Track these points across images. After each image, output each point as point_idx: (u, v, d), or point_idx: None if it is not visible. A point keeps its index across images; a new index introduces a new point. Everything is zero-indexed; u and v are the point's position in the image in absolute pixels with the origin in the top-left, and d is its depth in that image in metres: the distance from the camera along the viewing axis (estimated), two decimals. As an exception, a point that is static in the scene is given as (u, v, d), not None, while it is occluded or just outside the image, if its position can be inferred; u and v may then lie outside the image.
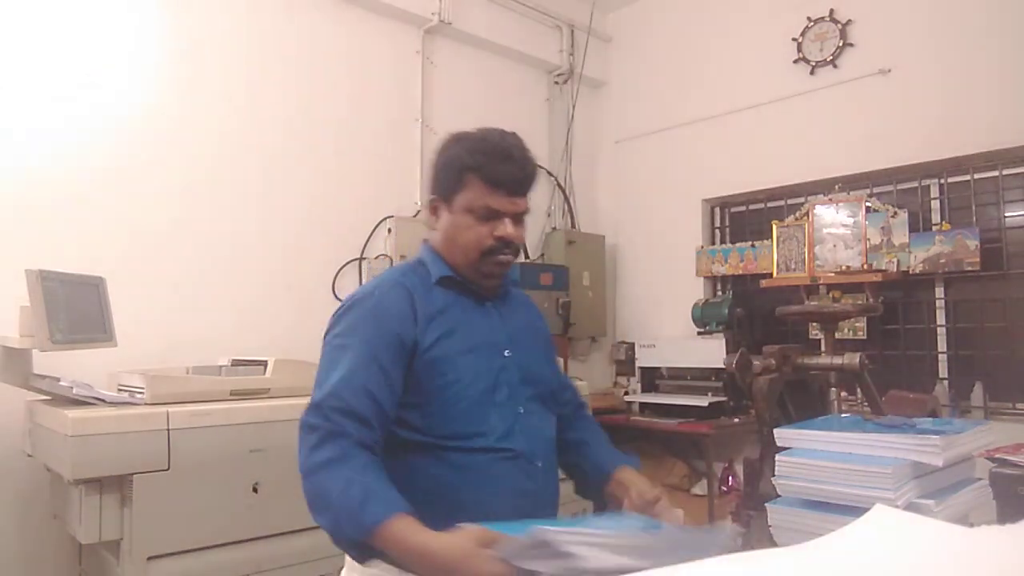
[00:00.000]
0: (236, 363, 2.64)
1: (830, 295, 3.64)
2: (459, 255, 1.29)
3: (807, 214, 3.72)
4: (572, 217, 4.61)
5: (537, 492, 1.24)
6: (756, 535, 1.26)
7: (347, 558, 1.23)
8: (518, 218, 1.29)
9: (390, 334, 1.21)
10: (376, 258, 3.56)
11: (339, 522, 1.07)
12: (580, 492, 1.46)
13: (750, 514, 1.30)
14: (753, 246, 4.07)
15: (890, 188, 3.63)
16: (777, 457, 1.15)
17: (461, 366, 1.24)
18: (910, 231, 3.45)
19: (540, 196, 4.53)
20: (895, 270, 3.42)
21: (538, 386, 1.34)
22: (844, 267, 3.46)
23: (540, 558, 0.91)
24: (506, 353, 1.30)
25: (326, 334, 1.27)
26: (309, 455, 1.13)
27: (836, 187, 3.65)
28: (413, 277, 1.31)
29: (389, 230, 3.65)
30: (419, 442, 1.22)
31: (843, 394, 2.65)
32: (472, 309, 1.32)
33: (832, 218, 3.58)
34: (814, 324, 3.58)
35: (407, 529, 1.03)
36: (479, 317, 1.32)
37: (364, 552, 1.10)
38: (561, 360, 3.53)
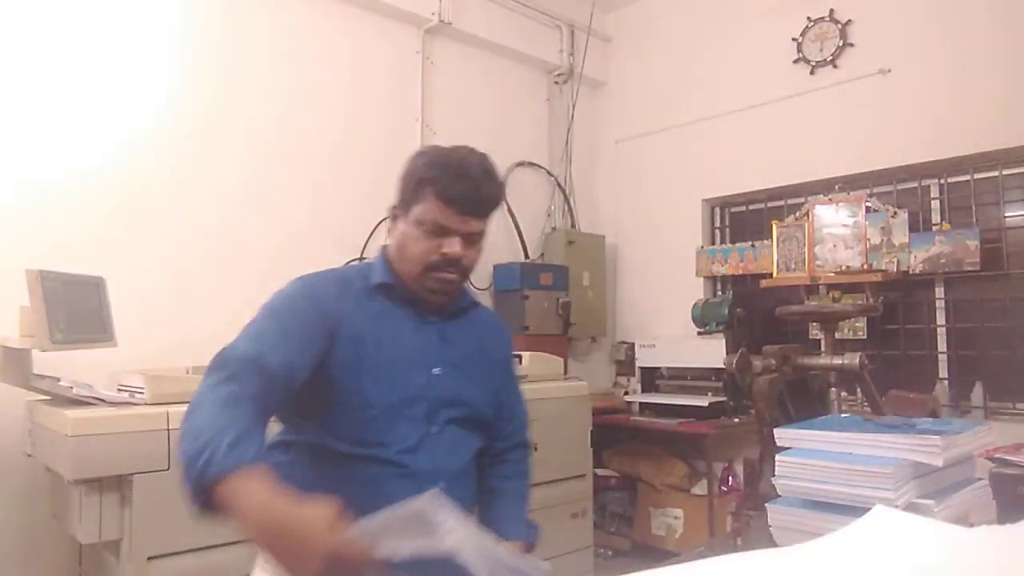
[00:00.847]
0: (236, 363, 2.64)
1: (830, 295, 3.64)
2: (406, 266, 1.29)
3: (807, 214, 3.73)
4: (572, 217, 4.61)
5: None
6: (756, 535, 1.26)
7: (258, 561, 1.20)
8: (470, 239, 1.28)
9: (315, 314, 1.21)
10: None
11: (199, 455, 0.94)
12: None
13: (750, 514, 1.30)
14: (753, 246, 4.07)
15: (890, 188, 3.63)
16: (777, 457, 1.15)
17: (374, 376, 1.22)
18: (910, 231, 3.45)
19: (540, 196, 4.54)
20: (895, 270, 3.42)
21: (461, 409, 1.31)
22: (844, 267, 3.46)
23: (403, 532, 0.89)
24: (435, 371, 1.28)
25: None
26: (202, 389, 1.07)
27: (836, 187, 3.65)
28: (353, 278, 1.32)
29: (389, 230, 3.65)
30: (321, 445, 1.21)
31: (843, 394, 2.64)
32: (407, 322, 1.30)
33: (832, 218, 3.59)
34: (814, 324, 3.58)
35: (263, 481, 0.94)
36: (412, 331, 1.30)
37: (205, 501, 0.95)
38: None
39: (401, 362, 1.26)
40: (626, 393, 4.27)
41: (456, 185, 1.24)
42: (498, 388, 1.41)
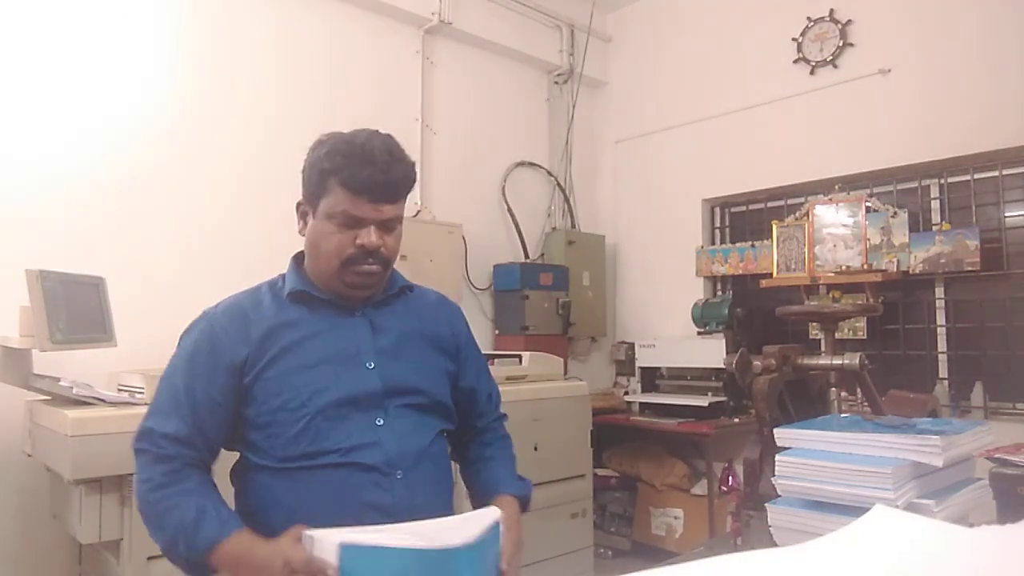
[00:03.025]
0: (236, 363, 2.64)
1: (830, 295, 3.64)
2: (321, 263, 1.24)
3: (807, 214, 3.72)
4: (572, 217, 4.61)
5: (394, 505, 1.17)
6: (756, 535, 1.26)
7: None
8: (386, 226, 1.23)
9: (218, 357, 1.20)
10: (376, 258, 3.56)
11: (175, 541, 1.10)
12: None
13: (750, 514, 1.30)
14: (753, 246, 4.07)
15: (890, 188, 3.63)
16: (777, 457, 1.15)
17: (299, 382, 1.19)
18: (910, 231, 3.45)
19: (540, 196, 4.54)
20: (895, 270, 3.42)
21: (414, 396, 1.26)
22: (844, 267, 3.46)
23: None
24: (368, 364, 1.24)
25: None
26: (140, 478, 1.16)
27: (836, 187, 3.65)
28: (263, 294, 1.29)
29: (389, 230, 3.65)
30: (268, 466, 1.20)
31: (843, 394, 2.64)
32: (330, 320, 1.26)
33: (832, 218, 3.58)
34: (814, 324, 3.58)
35: (239, 545, 1.09)
36: (335, 330, 1.25)
37: (199, 571, 1.11)
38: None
39: (326, 364, 1.21)
40: (626, 393, 4.27)
41: (361, 171, 1.18)
42: (452, 368, 1.37)
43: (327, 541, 0.98)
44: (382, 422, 1.22)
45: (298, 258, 1.34)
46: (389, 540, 0.99)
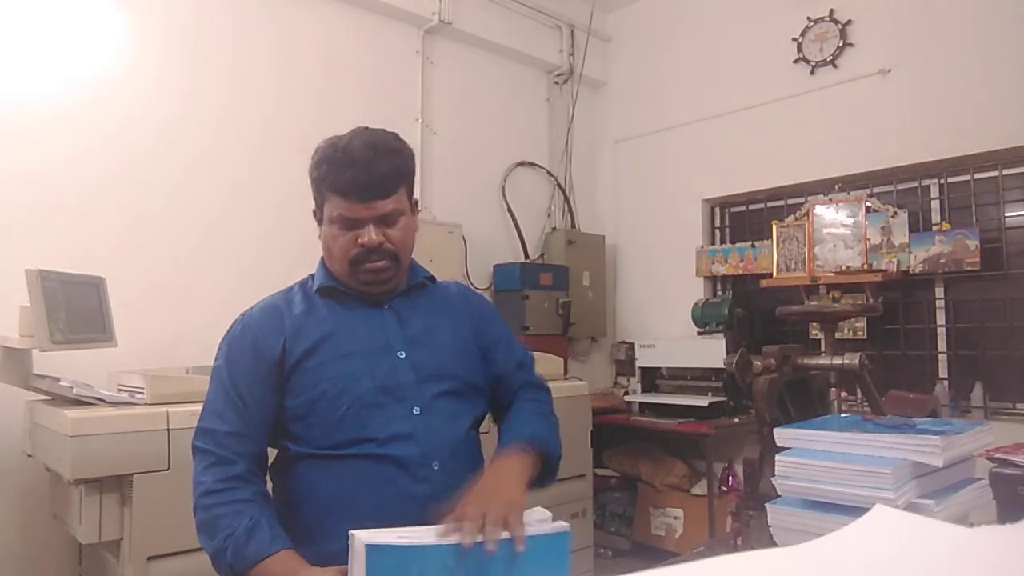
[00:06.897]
0: (236, 363, 2.64)
1: (830, 295, 3.64)
2: (336, 266, 1.28)
3: (807, 214, 3.72)
4: (572, 217, 4.61)
5: (431, 496, 1.17)
6: (756, 535, 1.26)
7: None
8: (386, 220, 1.25)
9: (258, 354, 1.25)
10: (376, 258, 3.56)
11: (223, 550, 1.12)
12: None
13: (750, 514, 1.30)
14: (753, 246, 4.07)
15: (890, 188, 3.63)
16: (777, 457, 1.15)
17: (334, 374, 1.22)
18: (910, 231, 3.45)
19: (540, 196, 4.54)
20: (895, 270, 3.42)
21: (449, 382, 1.29)
22: (844, 267, 3.46)
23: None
24: (400, 354, 1.26)
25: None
26: (197, 480, 1.19)
27: (836, 187, 3.65)
28: (295, 292, 1.34)
29: (389, 230, 3.64)
30: (306, 454, 1.23)
31: (843, 394, 2.64)
32: (358, 313, 1.29)
33: (832, 218, 3.58)
34: (814, 324, 3.58)
35: (285, 564, 1.09)
36: (365, 322, 1.29)
37: None
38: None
39: (358, 355, 1.24)
40: (626, 393, 4.27)
41: (344, 174, 1.21)
42: (482, 347, 1.39)
43: (357, 540, 0.97)
44: (418, 411, 1.24)
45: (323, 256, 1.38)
46: (417, 538, 0.98)
